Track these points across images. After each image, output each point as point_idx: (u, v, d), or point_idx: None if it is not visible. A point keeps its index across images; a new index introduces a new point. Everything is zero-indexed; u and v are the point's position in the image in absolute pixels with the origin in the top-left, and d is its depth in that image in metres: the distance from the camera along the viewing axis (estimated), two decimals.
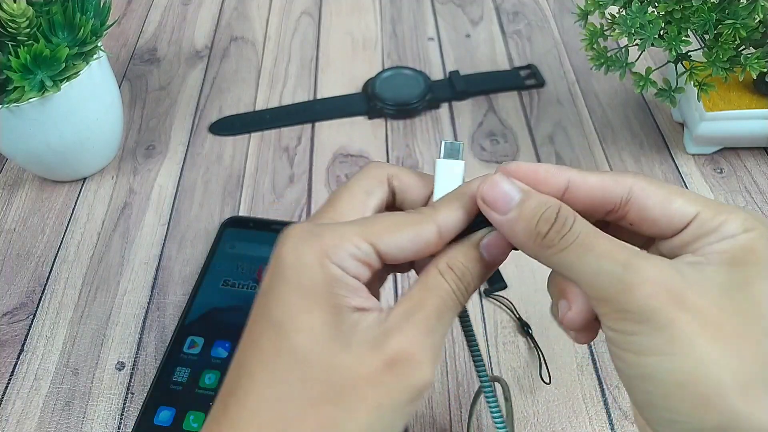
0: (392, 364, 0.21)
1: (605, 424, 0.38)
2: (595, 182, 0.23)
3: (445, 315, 0.22)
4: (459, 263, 0.23)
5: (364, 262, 0.22)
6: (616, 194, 0.22)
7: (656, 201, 0.22)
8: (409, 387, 0.21)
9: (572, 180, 0.23)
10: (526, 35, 0.66)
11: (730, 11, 0.42)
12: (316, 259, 0.21)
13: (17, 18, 0.40)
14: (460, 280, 0.23)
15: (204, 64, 0.63)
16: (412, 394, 0.21)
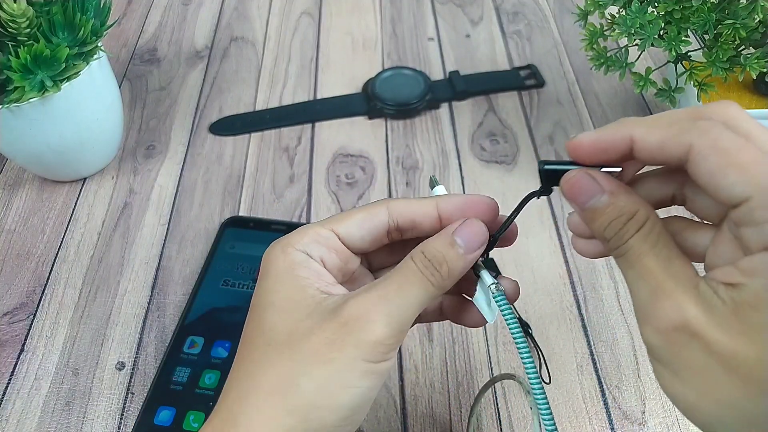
0: (345, 323, 0.22)
1: (605, 424, 0.38)
2: (655, 139, 0.21)
3: (407, 290, 0.23)
4: (431, 248, 0.24)
5: (327, 246, 0.25)
6: (675, 156, 0.21)
7: (709, 170, 0.20)
8: (361, 341, 0.22)
9: (634, 136, 0.22)
10: (526, 35, 0.66)
11: (730, 11, 0.42)
12: (281, 250, 0.25)
13: (17, 18, 0.40)
14: (430, 263, 0.24)
15: (204, 64, 0.63)
16: (364, 348, 0.22)
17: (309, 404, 0.22)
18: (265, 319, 0.24)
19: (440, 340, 0.42)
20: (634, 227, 0.22)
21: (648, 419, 0.38)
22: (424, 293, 0.24)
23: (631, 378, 0.40)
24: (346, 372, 0.22)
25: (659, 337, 0.20)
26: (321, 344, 0.22)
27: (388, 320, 0.23)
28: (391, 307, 0.23)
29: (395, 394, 0.40)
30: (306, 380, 0.22)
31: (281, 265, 0.24)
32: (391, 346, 0.23)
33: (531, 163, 0.53)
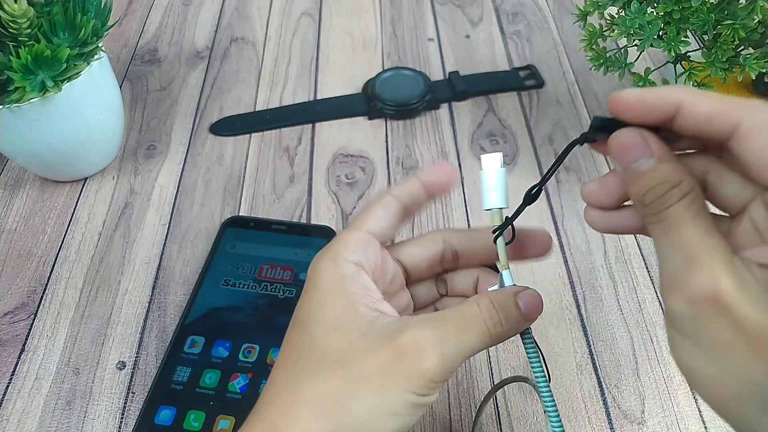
0: (400, 353, 0.22)
1: (605, 424, 0.38)
2: (703, 109, 0.21)
3: (466, 334, 0.23)
4: (497, 298, 0.25)
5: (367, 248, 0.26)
6: (722, 126, 0.21)
7: (757, 147, 0.20)
8: (413, 375, 0.22)
9: (683, 102, 0.21)
10: (526, 36, 0.66)
11: (729, 12, 0.42)
12: (332, 262, 0.25)
13: (18, 18, 0.40)
14: (494, 309, 0.24)
15: (204, 64, 0.64)
16: (415, 382, 0.22)
17: (356, 427, 0.22)
18: (316, 335, 0.24)
19: None
20: (678, 195, 0.21)
21: (647, 419, 0.38)
22: (480, 341, 0.24)
23: (630, 378, 0.40)
24: (396, 401, 0.22)
25: (688, 306, 0.20)
26: (374, 369, 0.22)
27: (443, 360, 0.23)
28: (449, 348, 0.23)
29: None
30: (357, 403, 0.22)
31: (331, 278, 0.24)
32: (440, 384, 0.23)
33: (531, 163, 0.53)
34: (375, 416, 0.22)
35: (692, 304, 0.20)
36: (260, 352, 0.40)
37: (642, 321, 0.43)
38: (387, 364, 0.22)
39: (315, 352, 0.23)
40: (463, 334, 0.23)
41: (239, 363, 0.40)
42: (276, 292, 0.43)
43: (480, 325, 0.24)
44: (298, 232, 0.47)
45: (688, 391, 0.39)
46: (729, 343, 0.19)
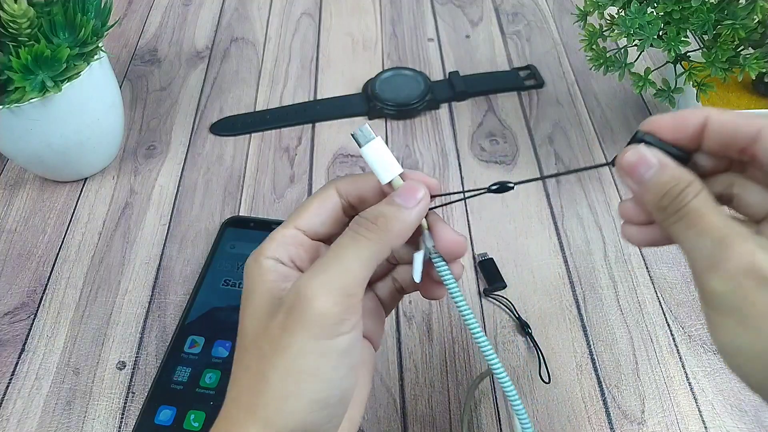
0: (290, 308, 0.22)
1: (604, 424, 0.38)
2: (729, 118, 0.24)
3: (343, 254, 0.23)
4: (368, 210, 0.25)
5: (293, 245, 0.26)
6: (746, 131, 0.23)
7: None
8: (306, 321, 0.22)
9: (710, 116, 0.24)
10: (526, 36, 0.66)
11: (729, 12, 0.42)
12: (254, 260, 0.25)
13: (18, 18, 0.40)
14: (366, 220, 0.24)
15: (205, 64, 0.64)
16: (312, 328, 0.22)
17: (279, 395, 0.22)
18: (242, 327, 0.25)
19: (440, 340, 0.42)
20: (694, 191, 0.23)
21: (647, 419, 0.38)
22: (361, 251, 0.23)
23: (630, 377, 0.40)
24: (302, 356, 0.22)
25: (728, 282, 0.21)
26: (276, 335, 0.22)
27: (328, 289, 0.22)
28: (329, 276, 0.23)
29: (395, 394, 0.40)
30: (271, 372, 0.22)
31: (254, 274, 0.25)
32: (339, 315, 0.22)
33: (530, 163, 0.53)
34: (291, 377, 0.22)
35: (732, 280, 0.20)
36: None
37: (642, 321, 0.43)
38: (283, 324, 0.22)
39: (242, 342, 0.24)
40: (340, 255, 0.23)
41: None
42: None
43: (351, 237, 0.24)
44: None
45: (688, 391, 0.39)
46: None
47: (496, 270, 0.45)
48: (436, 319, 0.43)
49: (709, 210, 0.22)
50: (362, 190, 0.27)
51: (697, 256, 0.22)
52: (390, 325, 0.43)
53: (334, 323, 0.22)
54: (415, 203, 0.25)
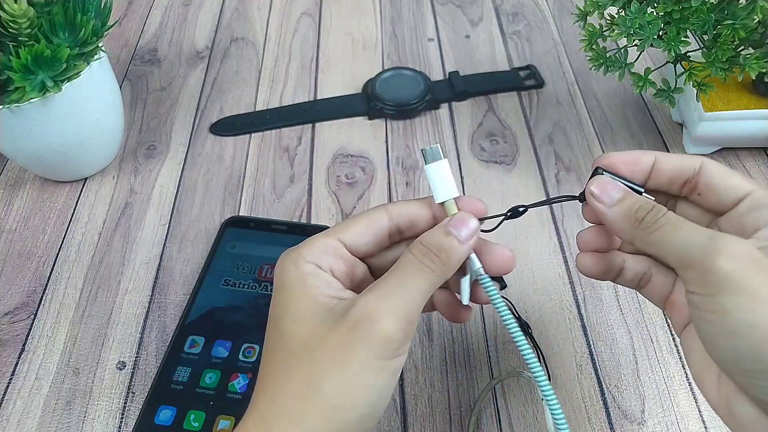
0: (354, 325, 0.23)
1: (604, 424, 0.38)
2: (674, 158, 0.28)
3: (409, 281, 0.25)
4: (428, 238, 0.26)
5: (334, 255, 0.27)
6: (690, 167, 0.28)
7: (720, 174, 0.27)
8: (372, 341, 0.23)
9: (657, 157, 0.28)
10: (526, 36, 0.66)
11: (729, 12, 0.42)
12: (293, 263, 0.26)
13: (18, 18, 0.40)
14: (429, 250, 0.25)
15: (205, 64, 0.64)
16: (376, 348, 0.23)
17: (331, 406, 0.23)
18: (283, 329, 0.25)
19: (440, 340, 0.42)
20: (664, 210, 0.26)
21: (647, 419, 0.38)
22: (424, 282, 0.25)
23: (630, 377, 0.40)
24: (361, 372, 0.23)
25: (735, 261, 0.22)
26: (336, 348, 0.23)
27: (395, 315, 0.23)
28: (396, 301, 0.24)
29: (395, 394, 0.40)
30: (326, 383, 0.23)
31: (293, 276, 0.26)
32: (402, 340, 0.24)
33: (530, 163, 0.53)
34: (345, 391, 0.23)
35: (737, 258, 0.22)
36: (260, 352, 0.40)
37: (642, 321, 0.43)
38: (345, 339, 0.23)
39: (286, 345, 0.25)
40: (405, 282, 0.24)
41: (239, 363, 0.40)
42: None
43: (418, 267, 0.25)
44: (298, 232, 0.47)
45: (689, 391, 0.39)
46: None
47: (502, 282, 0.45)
48: (436, 319, 0.43)
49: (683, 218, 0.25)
50: (414, 215, 0.28)
51: (693, 250, 0.23)
52: None
53: (396, 347, 0.23)
54: (469, 236, 0.27)
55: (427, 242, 0.26)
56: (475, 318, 0.43)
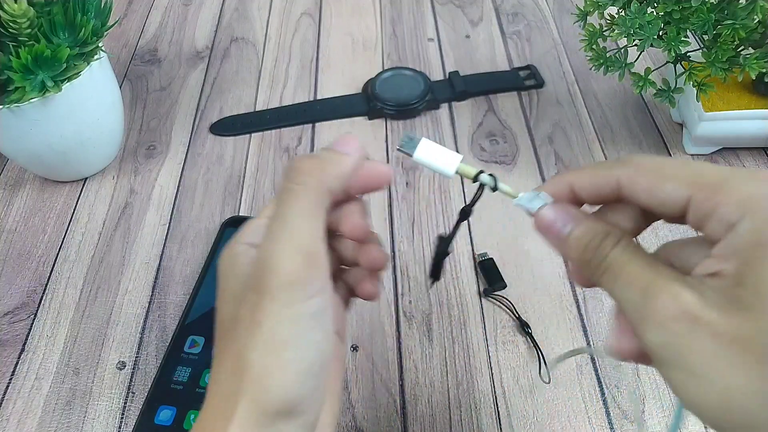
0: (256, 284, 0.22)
1: (604, 423, 0.38)
2: (586, 179, 0.24)
3: (286, 213, 0.22)
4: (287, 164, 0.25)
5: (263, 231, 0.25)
6: (607, 187, 0.23)
7: (644, 188, 0.22)
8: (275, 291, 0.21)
9: (572, 183, 0.24)
10: (526, 36, 0.66)
11: (729, 12, 0.42)
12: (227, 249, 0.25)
13: (18, 18, 0.40)
14: (296, 173, 0.23)
15: (205, 64, 0.64)
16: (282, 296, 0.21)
17: (263, 373, 0.21)
18: (218, 313, 0.24)
19: (440, 340, 0.42)
20: (612, 242, 0.22)
21: (647, 418, 0.38)
22: (302, 205, 0.23)
23: (630, 378, 0.40)
24: (277, 326, 0.21)
25: (661, 332, 0.19)
26: (249, 313, 0.22)
27: (287, 254, 0.21)
28: (282, 240, 0.22)
29: (395, 394, 0.40)
30: (251, 351, 0.21)
31: (226, 260, 0.24)
32: (306, 277, 0.21)
33: (530, 163, 0.53)
34: (275, 353, 0.21)
35: (665, 329, 0.19)
36: None
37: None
38: (254, 301, 0.22)
39: (220, 327, 0.24)
40: (285, 216, 0.22)
41: None
42: None
43: (289, 194, 0.23)
44: None
45: None
46: (714, 355, 0.19)
47: (496, 270, 0.45)
48: (436, 319, 0.43)
49: (629, 258, 0.21)
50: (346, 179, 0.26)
51: (628, 309, 0.21)
52: (390, 325, 0.43)
53: (302, 287, 0.21)
54: (348, 145, 0.24)
55: (287, 167, 0.24)
56: (475, 318, 0.43)
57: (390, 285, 0.45)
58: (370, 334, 0.42)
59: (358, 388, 0.40)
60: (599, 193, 0.24)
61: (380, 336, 0.42)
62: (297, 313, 0.21)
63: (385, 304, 0.44)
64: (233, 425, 0.21)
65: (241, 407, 0.21)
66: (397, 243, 0.47)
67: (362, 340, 0.42)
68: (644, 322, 0.20)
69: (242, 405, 0.21)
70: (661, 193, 0.21)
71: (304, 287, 0.21)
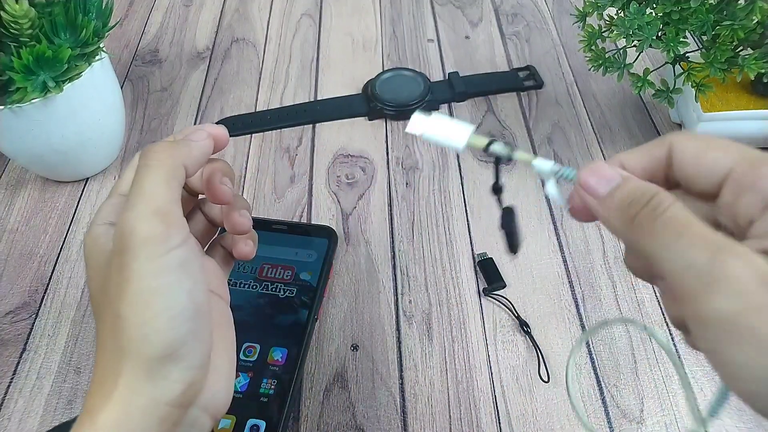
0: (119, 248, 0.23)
1: (604, 423, 0.38)
2: (641, 151, 0.23)
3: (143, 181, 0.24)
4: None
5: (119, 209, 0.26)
6: (660, 155, 0.22)
7: (691, 154, 0.21)
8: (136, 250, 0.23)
9: (621, 159, 0.23)
10: (525, 36, 0.66)
11: (728, 12, 0.42)
12: (87, 233, 0.26)
13: (20, 19, 0.40)
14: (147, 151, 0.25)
15: (205, 65, 0.64)
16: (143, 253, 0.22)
17: (137, 325, 0.22)
18: (90, 292, 0.26)
19: (440, 339, 0.42)
20: (668, 199, 0.20)
21: (646, 418, 0.38)
22: (157, 175, 0.24)
23: (629, 377, 0.40)
24: (143, 279, 0.22)
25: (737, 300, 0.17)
26: (116, 274, 0.23)
27: (143, 216, 0.23)
28: (138, 206, 0.23)
29: (395, 393, 0.40)
30: (123, 308, 0.22)
31: (89, 243, 0.26)
32: (163, 232, 0.23)
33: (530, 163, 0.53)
34: (144, 304, 0.22)
35: (742, 296, 0.17)
36: (261, 352, 0.40)
37: (641, 321, 0.43)
38: (119, 264, 0.23)
39: (93, 301, 0.25)
40: (142, 187, 0.24)
41: (240, 362, 0.40)
42: (276, 292, 0.43)
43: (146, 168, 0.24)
44: (298, 232, 0.47)
45: None
46: None
47: (495, 270, 0.45)
48: (436, 319, 0.43)
49: (693, 218, 0.19)
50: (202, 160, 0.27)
51: (689, 273, 0.18)
52: (390, 324, 0.43)
53: (161, 241, 0.23)
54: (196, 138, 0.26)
55: (142, 151, 0.25)
56: (474, 318, 0.43)
57: (390, 285, 0.45)
58: (370, 333, 0.43)
59: (358, 387, 0.40)
60: (650, 164, 0.23)
61: (380, 335, 0.42)
62: (160, 266, 0.23)
63: (385, 304, 0.44)
64: (122, 378, 0.22)
65: (126, 359, 0.22)
66: (397, 243, 0.48)
67: (362, 339, 0.42)
68: (714, 287, 0.18)
69: (126, 357, 0.22)
70: (707, 159, 0.21)
71: (163, 242, 0.23)
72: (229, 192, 0.28)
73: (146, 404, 0.22)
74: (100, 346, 0.24)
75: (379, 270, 0.46)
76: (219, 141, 0.28)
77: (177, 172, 0.25)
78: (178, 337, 0.23)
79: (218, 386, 0.25)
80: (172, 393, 0.23)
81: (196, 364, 0.23)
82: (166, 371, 0.22)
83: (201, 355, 0.24)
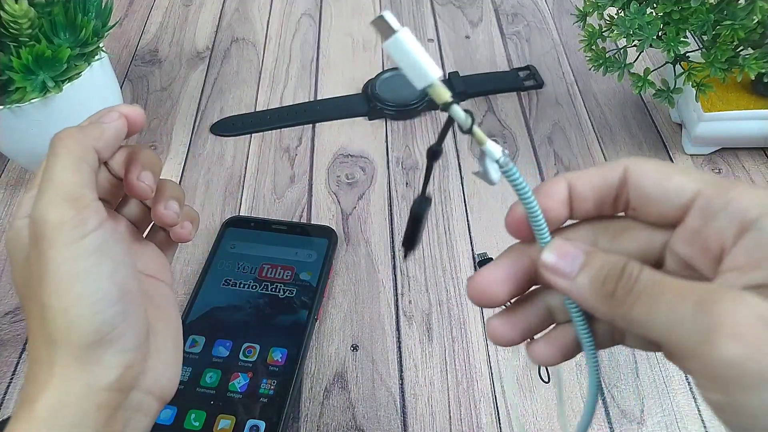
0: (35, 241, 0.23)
1: (604, 423, 0.38)
2: (591, 173, 0.22)
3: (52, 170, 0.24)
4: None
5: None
6: (613, 178, 0.21)
7: (652, 178, 0.20)
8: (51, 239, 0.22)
9: (570, 179, 0.22)
10: (525, 36, 0.66)
11: (729, 12, 0.42)
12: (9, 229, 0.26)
13: (19, 19, 0.40)
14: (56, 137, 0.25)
15: (205, 65, 0.64)
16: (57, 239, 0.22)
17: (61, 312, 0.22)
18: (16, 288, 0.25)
19: (440, 339, 0.42)
20: (637, 266, 0.19)
21: (646, 418, 0.38)
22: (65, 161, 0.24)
23: (629, 377, 0.40)
24: (61, 265, 0.22)
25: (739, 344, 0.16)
26: (36, 265, 0.23)
27: (53, 204, 0.23)
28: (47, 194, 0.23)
29: (395, 393, 0.40)
30: (46, 297, 0.22)
31: (11, 239, 0.25)
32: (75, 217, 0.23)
33: (530, 163, 0.53)
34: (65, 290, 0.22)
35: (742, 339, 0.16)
36: (261, 352, 0.40)
37: None
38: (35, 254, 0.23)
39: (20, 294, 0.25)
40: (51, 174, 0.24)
41: (240, 362, 0.40)
42: (276, 292, 0.43)
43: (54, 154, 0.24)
44: (298, 232, 0.47)
45: (688, 390, 0.40)
46: None
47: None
48: (436, 319, 0.43)
49: (662, 277, 0.19)
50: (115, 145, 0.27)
51: (681, 332, 0.17)
52: (390, 324, 0.43)
53: (74, 226, 0.23)
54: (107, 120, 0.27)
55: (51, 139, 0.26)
56: (474, 318, 0.43)
57: (390, 285, 0.45)
58: (370, 333, 0.43)
59: (358, 387, 0.40)
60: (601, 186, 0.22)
61: (380, 336, 0.42)
62: (77, 251, 0.23)
63: (385, 304, 0.44)
64: (56, 367, 0.22)
65: (57, 348, 0.22)
66: (397, 243, 0.48)
67: (362, 339, 0.42)
68: (711, 337, 0.17)
69: (57, 345, 0.22)
70: (671, 182, 0.20)
71: (77, 227, 0.23)
72: (147, 188, 0.27)
73: (82, 390, 0.22)
74: (32, 338, 0.24)
75: (379, 270, 0.46)
76: (134, 122, 0.27)
77: (87, 155, 0.25)
78: (106, 321, 0.23)
79: (162, 368, 0.25)
80: (108, 377, 0.23)
81: (130, 346, 0.23)
82: (98, 356, 0.22)
83: (135, 338, 0.24)
